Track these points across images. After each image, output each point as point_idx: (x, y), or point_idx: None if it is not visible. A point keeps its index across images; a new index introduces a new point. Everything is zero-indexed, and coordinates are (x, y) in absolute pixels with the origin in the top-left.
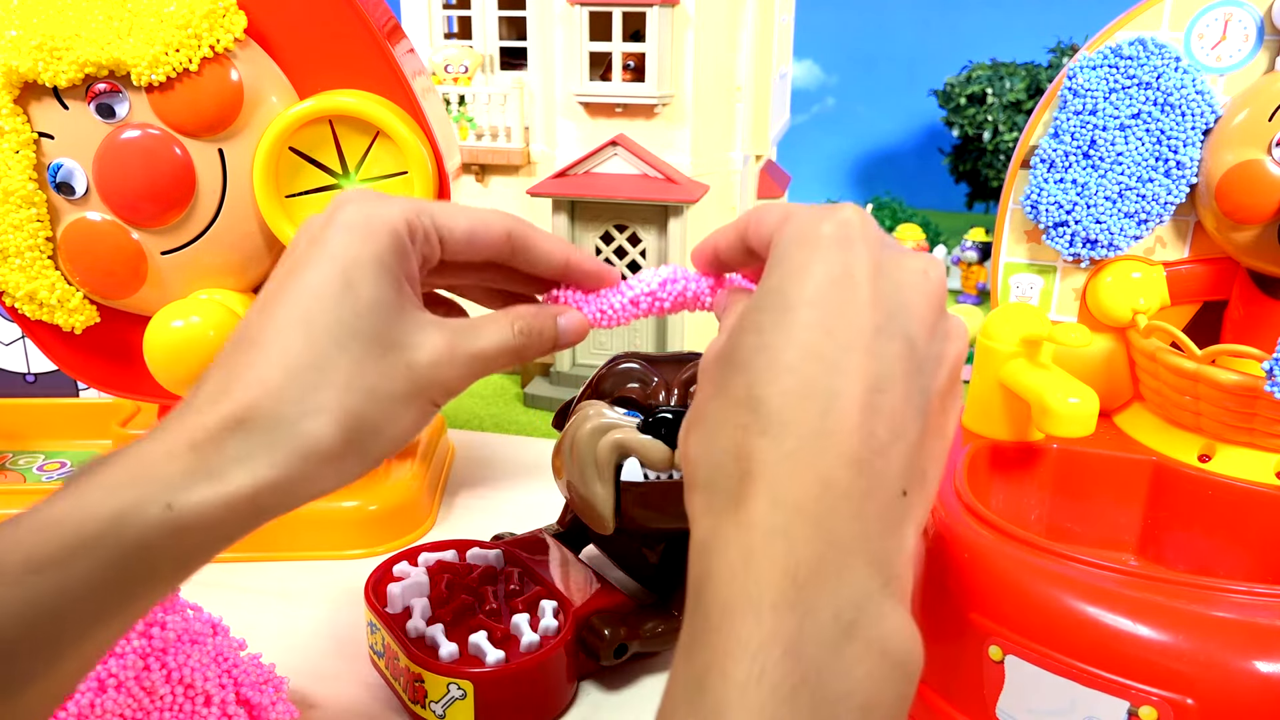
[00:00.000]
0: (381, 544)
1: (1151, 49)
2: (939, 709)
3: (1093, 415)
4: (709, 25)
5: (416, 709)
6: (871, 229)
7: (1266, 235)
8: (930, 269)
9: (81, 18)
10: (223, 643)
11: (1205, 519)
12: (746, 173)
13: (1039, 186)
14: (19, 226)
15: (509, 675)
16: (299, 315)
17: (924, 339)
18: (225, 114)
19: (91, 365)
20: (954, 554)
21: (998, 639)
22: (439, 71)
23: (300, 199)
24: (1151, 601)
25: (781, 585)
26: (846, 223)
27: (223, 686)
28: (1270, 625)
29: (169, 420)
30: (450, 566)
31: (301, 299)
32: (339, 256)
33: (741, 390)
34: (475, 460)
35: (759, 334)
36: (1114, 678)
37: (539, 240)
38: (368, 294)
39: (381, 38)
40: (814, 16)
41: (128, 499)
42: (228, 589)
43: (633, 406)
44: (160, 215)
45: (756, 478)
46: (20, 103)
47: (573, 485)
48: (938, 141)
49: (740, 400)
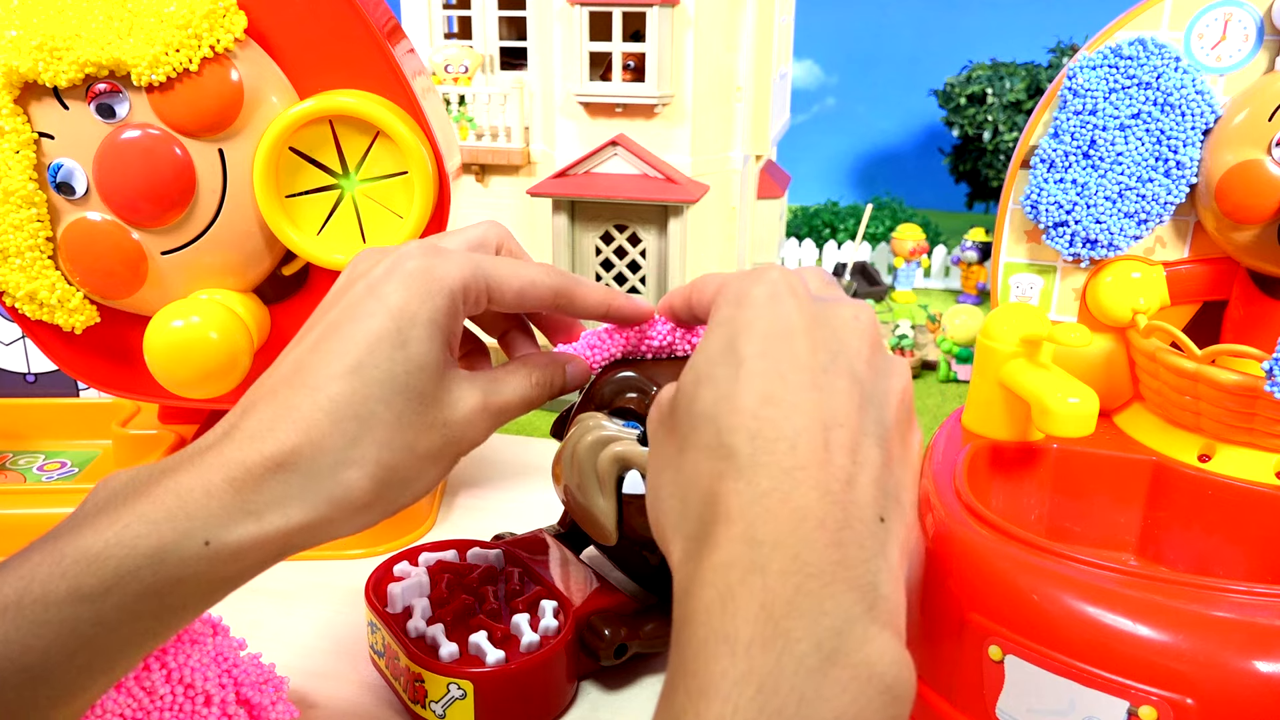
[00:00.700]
0: (381, 544)
1: (1151, 49)
2: (939, 709)
3: (1093, 415)
4: (709, 25)
5: (417, 709)
6: (799, 285)
7: (1266, 235)
8: (860, 314)
9: (82, 18)
10: (223, 642)
11: (1205, 519)
12: (746, 173)
13: (1039, 186)
14: (19, 226)
15: (509, 675)
16: (351, 364)
17: (868, 375)
18: (225, 114)
19: (91, 365)
20: (954, 554)
21: (997, 639)
22: (439, 71)
23: (300, 199)
24: (1151, 601)
25: (758, 621)
26: (774, 283)
27: (223, 686)
28: (1270, 625)
29: (209, 449)
30: (451, 566)
31: (355, 348)
32: (397, 311)
33: (711, 439)
34: (475, 460)
35: (716, 386)
36: (1114, 678)
37: (584, 295)
38: (419, 352)
39: (381, 38)
40: (814, 16)
41: (168, 535)
42: None
43: (631, 417)
44: (160, 215)
45: (734, 520)
46: (20, 103)
47: (574, 496)
48: (938, 141)
49: (711, 448)
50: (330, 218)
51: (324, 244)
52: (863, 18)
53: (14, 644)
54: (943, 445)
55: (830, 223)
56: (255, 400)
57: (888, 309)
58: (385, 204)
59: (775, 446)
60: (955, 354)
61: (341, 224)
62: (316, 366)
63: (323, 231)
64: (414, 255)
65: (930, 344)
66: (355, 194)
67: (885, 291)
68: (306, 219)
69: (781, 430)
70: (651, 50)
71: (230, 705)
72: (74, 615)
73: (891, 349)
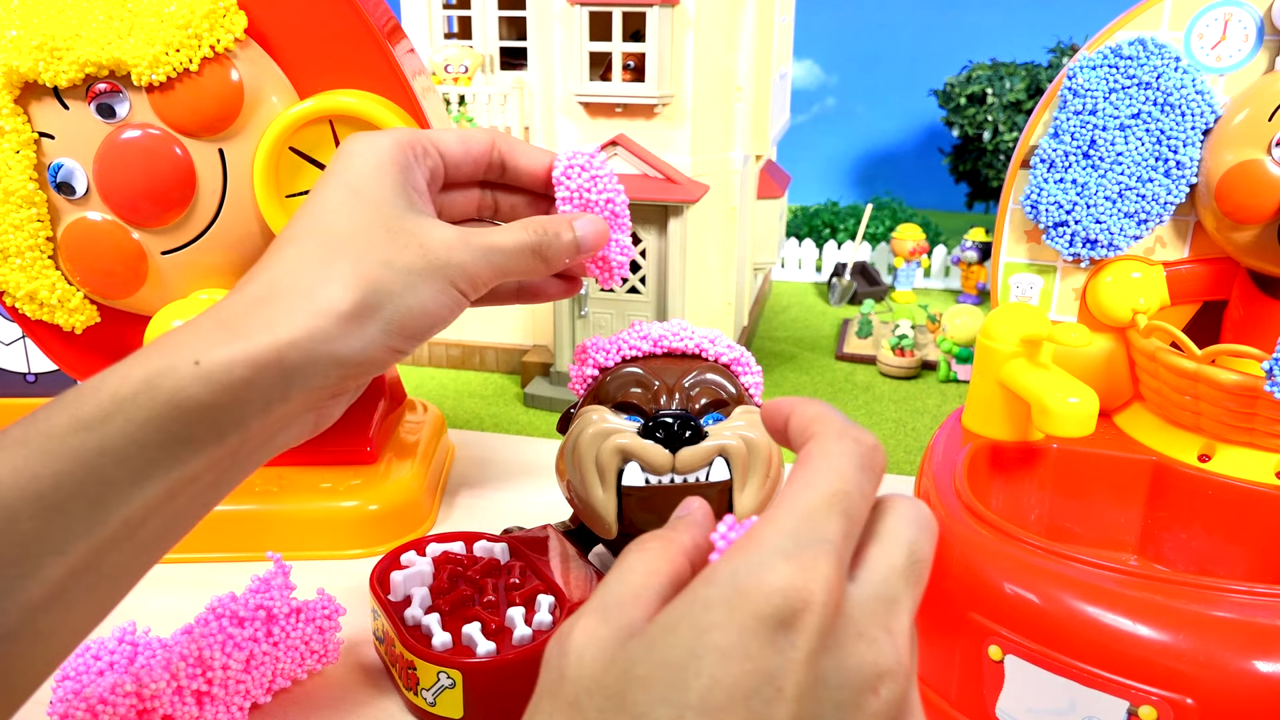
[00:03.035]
0: (381, 544)
1: (1151, 49)
2: (939, 709)
3: (1092, 415)
4: (709, 25)
5: (410, 695)
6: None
7: (1266, 235)
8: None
9: (82, 18)
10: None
11: (1205, 519)
12: (746, 172)
13: (1039, 186)
14: (19, 226)
15: (498, 667)
16: (311, 225)
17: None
18: (225, 114)
19: (92, 365)
20: (954, 554)
21: (997, 639)
22: (439, 71)
23: (300, 199)
24: (1151, 601)
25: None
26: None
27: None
28: (1270, 625)
29: (200, 314)
30: (455, 558)
31: (314, 212)
32: (347, 174)
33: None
34: (475, 460)
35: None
36: (1114, 677)
37: (523, 148)
38: (374, 196)
39: (381, 38)
40: (814, 16)
41: (159, 362)
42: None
43: (634, 411)
44: (160, 215)
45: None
46: (21, 103)
47: (575, 489)
48: (938, 141)
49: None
50: None
51: None
52: (863, 18)
53: (24, 472)
54: (943, 445)
55: (830, 223)
56: (237, 284)
57: (888, 309)
58: None
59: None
60: (955, 354)
61: None
62: (283, 239)
63: None
64: (355, 136)
65: (930, 344)
66: None
67: (885, 291)
68: None
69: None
70: (651, 50)
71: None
72: (79, 444)
73: (891, 349)
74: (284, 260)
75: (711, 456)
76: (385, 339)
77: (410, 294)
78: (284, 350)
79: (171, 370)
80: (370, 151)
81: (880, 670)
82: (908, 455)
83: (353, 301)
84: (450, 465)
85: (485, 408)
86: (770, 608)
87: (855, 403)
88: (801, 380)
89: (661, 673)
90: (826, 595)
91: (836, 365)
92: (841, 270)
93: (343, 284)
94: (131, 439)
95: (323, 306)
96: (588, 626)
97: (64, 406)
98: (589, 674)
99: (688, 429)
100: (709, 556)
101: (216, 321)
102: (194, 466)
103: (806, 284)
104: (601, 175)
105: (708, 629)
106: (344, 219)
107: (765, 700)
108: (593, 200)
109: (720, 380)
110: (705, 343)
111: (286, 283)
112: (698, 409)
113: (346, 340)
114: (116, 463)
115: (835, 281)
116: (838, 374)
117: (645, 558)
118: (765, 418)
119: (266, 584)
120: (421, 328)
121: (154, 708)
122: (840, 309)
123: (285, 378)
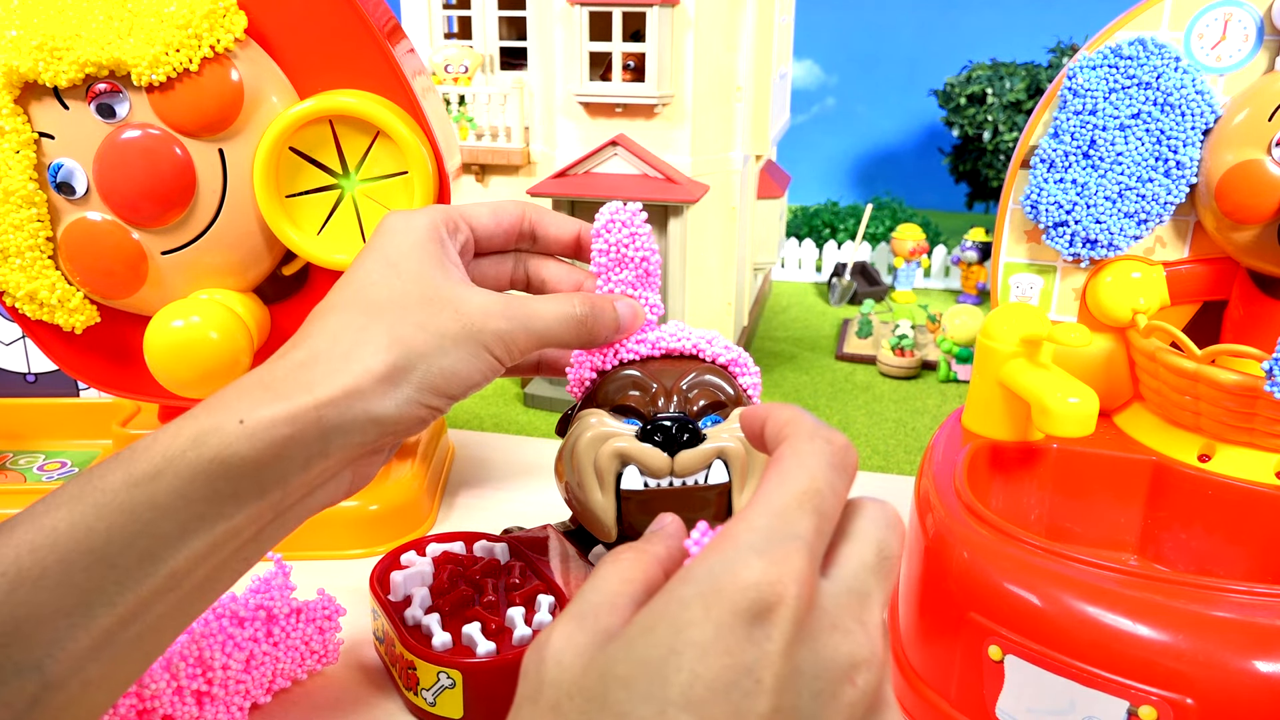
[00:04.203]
0: (381, 544)
1: (1151, 49)
2: (939, 709)
3: (1092, 415)
4: (709, 25)
5: (410, 695)
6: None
7: (1266, 235)
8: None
9: (82, 18)
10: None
11: (1205, 519)
12: (746, 173)
13: (1039, 186)
14: (19, 226)
15: (498, 667)
16: (352, 295)
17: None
18: (225, 114)
19: (92, 365)
20: (954, 554)
21: (997, 639)
22: (439, 71)
23: (300, 199)
24: (1151, 601)
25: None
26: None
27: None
28: (1270, 625)
29: (245, 376)
30: (455, 558)
31: (355, 283)
32: (386, 249)
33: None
34: (475, 460)
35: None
36: (1114, 677)
37: (551, 217)
38: (412, 269)
39: (381, 38)
40: (814, 16)
41: (206, 421)
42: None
43: (632, 414)
44: (160, 215)
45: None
46: (20, 103)
47: (574, 492)
48: (938, 141)
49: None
50: (330, 218)
51: (324, 244)
52: (863, 18)
53: (79, 526)
54: (943, 445)
55: (830, 223)
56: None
57: (888, 309)
58: (385, 204)
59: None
60: (955, 354)
61: (341, 224)
62: (324, 310)
63: (323, 231)
64: (392, 213)
65: (930, 344)
66: (355, 194)
67: (885, 291)
68: (307, 219)
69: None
70: (651, 50)
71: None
72: (130, 499)
73: (891, 349)
74: (325, 328)
75: (710, 459)
76: (419, 398)
77: (442, 356)
78: (322, 409)
79: (217, 429)
80: (408, 228)
81: (856, 660)
82: (908, 455)
83: (386, 363)
84: (450, 465)
85: (485, 407)
86: (746, 602)
87: (855, 403)
88: (801, 380)
89: (642, 671)
90: (800, 588)
91: (836, 365)
92: (841, 270)
93: (377, 347)
94: (180, 494)
95: (358, 368)
96: (565, 632)
97: (119, 463)
98: (569, 678)
99: (685, 432)
100: (684, 562)
101: (260, 384)
102: (237, 521)
103: (806, 284)
104: (640, 233)
105: (686, 626)
106: (383, 290)
107: (745, 692)
108: (629, 256)
109: (718, 382)
110: (703, 344)
111: (326, 348)
112: (696, 411)
113: (381, 400)
114: (166, 516)
115: (835, 281)
116: (838, 374)
117: (619, 567)
118: (743, 425)
119: (266, 584)
120: (454, 389)
121: (154, 708)
122: (840, 309)
123: (324, 435)
